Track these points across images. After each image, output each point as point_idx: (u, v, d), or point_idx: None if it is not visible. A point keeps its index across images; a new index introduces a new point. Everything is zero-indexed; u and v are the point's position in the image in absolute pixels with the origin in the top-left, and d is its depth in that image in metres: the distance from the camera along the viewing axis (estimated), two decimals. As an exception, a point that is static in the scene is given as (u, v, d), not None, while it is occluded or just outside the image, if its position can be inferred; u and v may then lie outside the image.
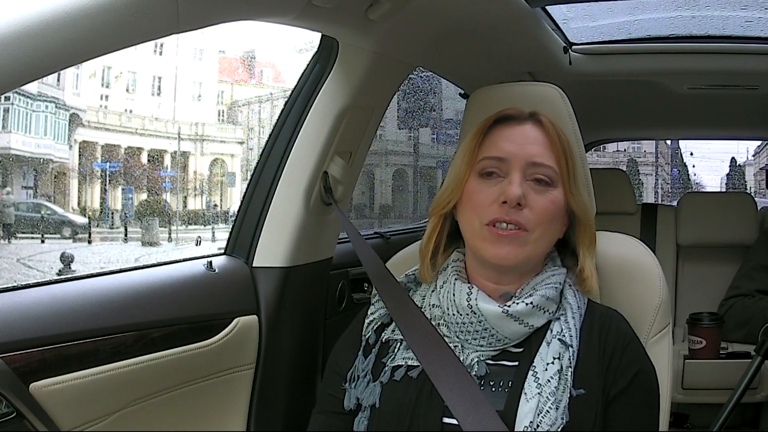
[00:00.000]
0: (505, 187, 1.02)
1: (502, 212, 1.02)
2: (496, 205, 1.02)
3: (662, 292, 1.18)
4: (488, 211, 1.03)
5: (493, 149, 1.06)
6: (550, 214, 1.04)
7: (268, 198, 1.43)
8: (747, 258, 2.60)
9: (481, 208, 1.04)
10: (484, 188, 1.05)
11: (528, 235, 1.02)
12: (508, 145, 1.05)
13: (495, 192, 1.03)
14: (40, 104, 14.48)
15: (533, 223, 1.02)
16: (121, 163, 16.55)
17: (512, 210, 1.01)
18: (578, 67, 2.16)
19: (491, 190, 1.04)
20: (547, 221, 1.04)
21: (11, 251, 10.81)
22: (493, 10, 1.52)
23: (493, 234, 1.02)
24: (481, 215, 1.03)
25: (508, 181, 1.03)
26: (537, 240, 1.03)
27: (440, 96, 6.60)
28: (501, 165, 1.05)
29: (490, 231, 1.02)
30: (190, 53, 20.51)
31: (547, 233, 1.05)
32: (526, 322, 1.02)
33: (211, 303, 1.32)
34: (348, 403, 1.07)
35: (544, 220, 1.03)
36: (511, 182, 1.02)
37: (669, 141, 20.90)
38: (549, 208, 1.04)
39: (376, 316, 1.13)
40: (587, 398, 0.98)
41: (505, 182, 1.03)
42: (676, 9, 2.04)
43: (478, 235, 1.04)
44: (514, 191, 1.01)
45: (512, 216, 1.01)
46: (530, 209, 1.02)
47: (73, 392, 1.07)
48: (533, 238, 1.03)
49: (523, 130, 1.07)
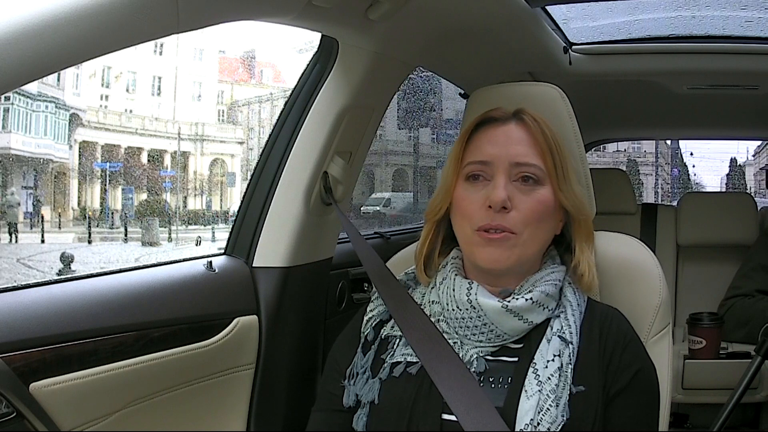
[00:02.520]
0: (490, 191, 1.02)
1: (488, 217, 1.02)
2: (483, 209, 1.03)
3: (662, 292, 1.18)
4: (477, 217, 1.03)
5: (477, 153, 1.06)
6: (537, 214, 1.04)
7: (268, 198, 1.43)
8: (747, 258, 2.60)
9: (470, 214, 1.04)
10: (471, 193, 1.05)
11: (516, 238, 1.02)
12: (491, 147, 1.05)
13: (482, 196, 1.03)
14: (40, 104, 14.51)
15: (521, 225, 1.02)
16: (121, 163, 16.57)
17: (498, 214, 1.01)
18: (578, 67, 2.16)
19: (478, 195, 1.04)
20: (536, 221, 1.03)
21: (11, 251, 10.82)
22: (493, 10, 1.52)
23: (483, 239, 1.03)
24: (471, 221, 1.04)
25: (493, 184, 1.03)
26: (526, 241, 1.03)
27: (440, 96, 6.61)
28: (486, 168, 1.05)
29: (481, 236, 1.03)
30: (190, 53, 20.55)
31: (537, 233, 1.04)
32: (526, 318, 1.02)
33: (211, 303, 1.32)
34: (347, 400, 1.07)
35: (532, 220, 1.03)
36: (495, 186, 1.02)
37: (669, 141, 20.94)
38: (536, 208, 1.03)
39: (375, 313, 1.13)
40: (587, 395, 0.98)
41: (490, 186, 1.03)
42: (676, 9, 2.04)
43: (470, 241, 1.05)
44: (499, 195, 1.01)
45: (498, 221, 1.02)
46: (517, 211, 1.02)
47: (73, 392, 1.07)
48: (522, 240, 1.03)
49: (507, 130, 1.06)
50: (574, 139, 1.19)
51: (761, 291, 2.46)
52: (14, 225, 12.39)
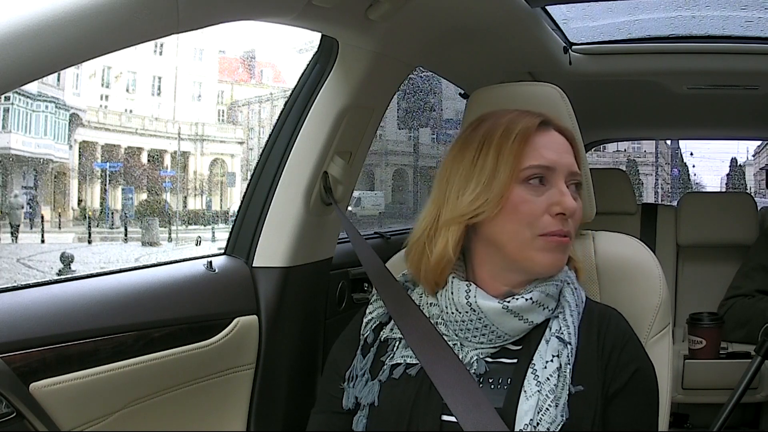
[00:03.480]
0: (556, 197, 1.02)
1: (557, 223, 1.02)
2: (548, 215, 1.02)
3: (662, 292, 1.18)
4: (541, 222, 1.02)
5: (539, 157, 1.04)
6: (580, 220, 1.08)
7: (268, 198, 1.43)
8: (747, 258, 2.60)
9: (533, 218, 1.02)
10: (533, 198, 1.03)
11: (570, 243, 1.05)
12: (551, 153, 1.05)
13: (544, 201, 1.03)
14: (40, 104, 14.51)
15: (574, 231, 1.05)
16: (121, 163, 16.58)
17: (566, 221, 1.03)
18: (578, 67, 2.16)
19: (540, 199, 1.03)
20: (577, 227, 1.07)
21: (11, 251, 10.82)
22: (493, 10, 1.52)
23: (548, 244, 1.02)
24: (533, 226, 1.02)
25: (559, 191, 1.03)
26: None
27: (440, 96, 6.61)
28: (548, 174, 1.04)
29: (546, 241, 1.02)
30: (190, 53, 20.56)
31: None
32: (526, 318, 1.02)
33: (211, 303, 1.32)
34: (347, 403, 1.07)
35: (577, 226, 1.07)
36: (563, 193, 1.03)
37: (669, 141, 20.96)
38: (580, 215, 1.07)
39: (374, 316, 1.13)
40: (586, 395, 0.98)
41: (553, 192, 1.03)
42: (676, 9, 2.03)
43: (529, 246, 1.03)
44: (572, 203, 1.02)
45: (567, 227, 1.03)
46: (572, 218, 1.04)
47: (73, 392, 1.07)
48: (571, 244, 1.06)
49: (556, 137, 1.08)
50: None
51: (761, 291, 2.46)
52: (16, 226, 12.43)
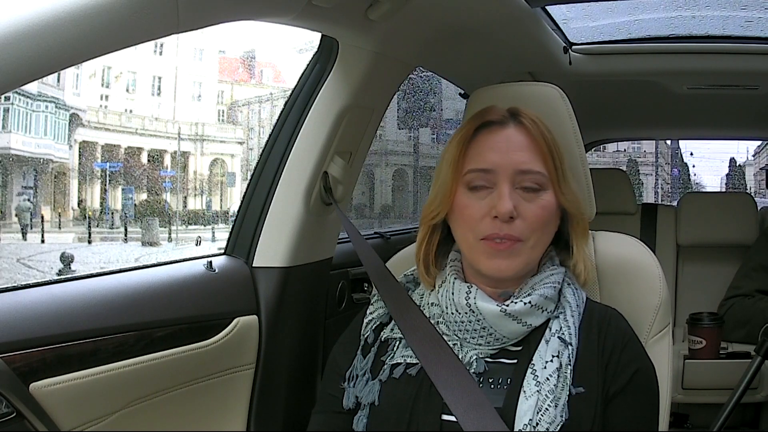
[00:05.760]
0: (495, 200, 1.01)
1: (495, 227, 1.01)
2: (488, 218, 1.01)
3: (662, 292, 1.18)
4: (481, 226, 1.02)
5: (480, 160, 1.04)
6: (543, 220, 1.03)
7: (268, 198, 1.43)
8: (747, 258, 2.60)
9: (474, 223, 1.03)
10: (474, 202, 1.03)
11: (523, 245, 1.02)
12: (493, 154, 1.03)
13: (485, 205, 1.02)
14: (40, 104, 14.52)
15: (527, 233, 1.02)
16: (121, 163, 16.59)
17: (504, 224, 1.00)
18: (578, 67, 2.16)
19: (481, 203, 1.02)
20: (541, 228, 1.03)
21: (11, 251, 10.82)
22: (493, 10, 1.52)
23: (488, 248, 1.02)
24: (475, 230, 1.02)
25: (498, 194, 1.01)
26: (532, 247, 1.03)
27: (440, 96, 6.61)
28: (488, 176, 1.03)
29: (486, 245, 1.02)
30: (190, 53, 20.57)
31: (542, 238, 1.04)
32: (525, 321, 1.02)
33: (211, 303, 1.32)
34: (347, 402, 1.07)
35: (537, 227, 1.02)
36: (501, 196, 1.01)
37: (669, 141, 20.97)
38: (541, 214, 1.03)
39: (374, 316, 1.13)
40: (586, 396, 0.98)
41: (494, 194, 1.02)
42: (676, 9, 2.03)
43: (474, 249, 1.03)
44: (505, 206, 1.00)
45: (505, 231, 1.00)
46: (522, 219, 1.01)
47: (73, 392, 1.07)
48: (528, 247, 1.02)
49: (507, 134, 1.05)
50: (574, 139, 1.19)
51: (761, 291, 2.46)
52: (25, 226, 12.49)
